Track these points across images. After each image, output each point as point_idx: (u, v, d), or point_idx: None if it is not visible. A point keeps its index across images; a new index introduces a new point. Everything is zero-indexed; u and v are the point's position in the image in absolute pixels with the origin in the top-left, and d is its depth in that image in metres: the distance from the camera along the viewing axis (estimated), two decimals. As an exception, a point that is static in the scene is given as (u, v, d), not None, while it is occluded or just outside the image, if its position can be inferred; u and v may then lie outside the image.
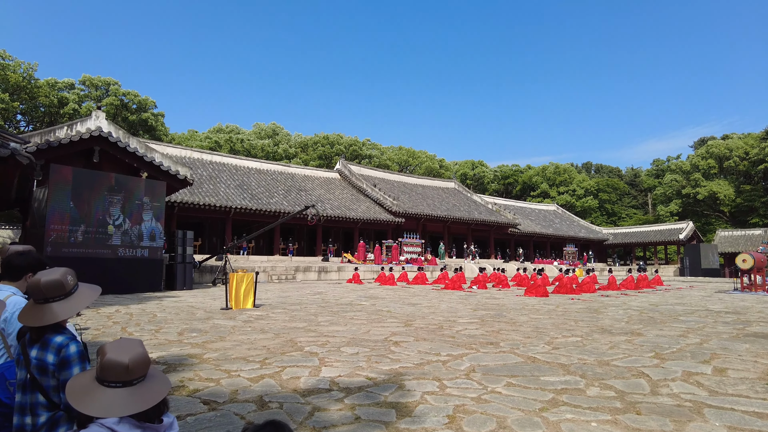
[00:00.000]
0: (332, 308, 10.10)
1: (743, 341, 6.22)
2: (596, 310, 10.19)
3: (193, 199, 24.38)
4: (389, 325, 7.49)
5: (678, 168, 66.90)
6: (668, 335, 6.70)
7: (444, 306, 10.91)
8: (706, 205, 62.14)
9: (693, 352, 5.45)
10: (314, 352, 5.28)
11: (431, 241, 37.79)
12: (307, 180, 35.18)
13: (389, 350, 5.42)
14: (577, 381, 4.07)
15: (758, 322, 8.19)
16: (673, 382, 4.06)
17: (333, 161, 53.72)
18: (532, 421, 3.03)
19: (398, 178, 42.77)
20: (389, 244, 29.77)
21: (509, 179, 78.02)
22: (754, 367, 4.62)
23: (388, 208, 33.15)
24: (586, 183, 71.73)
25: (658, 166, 77.18)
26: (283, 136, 61.98)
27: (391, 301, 12.20)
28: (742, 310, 10.55)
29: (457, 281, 18.29)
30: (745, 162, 60.20)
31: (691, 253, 40.59)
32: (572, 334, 6.77)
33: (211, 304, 11.01)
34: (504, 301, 12.68)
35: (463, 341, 6.05)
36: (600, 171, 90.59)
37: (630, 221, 68.65)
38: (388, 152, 66.83)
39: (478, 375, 4.27)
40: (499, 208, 42.99)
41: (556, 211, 56.54)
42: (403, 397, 3.55)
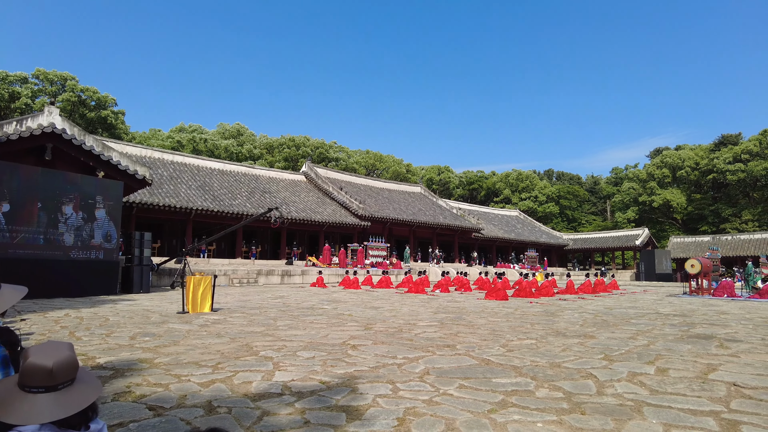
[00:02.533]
0: (293, 312, 10.00)
1: (686, 342, 6.50)
2: (553, 314, 10.45)
3: (152, 199, 23.72)
4: (349, 329, 7.47)
5: (635, 176, 69.49)
6: (619, 338, 6.93)
7: (406, 309, 10.97)
8: (661, 212, 64.73)
9: (640, 353, 5.65)
10: (269, 356, 5.21)
11: (397, 245, 37.97)
12: (271, 182, 34.76)
13: (346, 354, 5.40)
14: (528, 383, 4.16)
15: (701, 324, 8.57)
16: (618, 383, 4.19)
17: (299, 164, 53.33)
18: (480, 423, 3.08)
19: (365, 182, 42.80)
20: (355, 248, 29.73)
21: (474, 185, 79.20)
22: (693, 367, 4.84)
23: (354, 212, 33.11)
24: (547, 189, 73.58)
25: (616, 174, 79.92)
26: (248, 136, 61.10)
27: (354, 304, 12.18)
28: (689, 312, 11.02)
29: (421, 285, 18.42)
30: (696, 172, 63.09)
31: (646, 258, 42.16)
32: (527, 336, 6.92)
33: (168, 307, 10.72)
34: (465, 304, 12.85)
35: (421, 344, 6.10)
36: (561, 178, 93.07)
37: (589, 227, 70.76)
38: (356, 156, 66.83)
39: (432, 377, 4.31)
40: (464, 213, 43.59)
41: (518, 216, 57.73)
42: (355, 401, 3.55)
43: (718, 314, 10.68)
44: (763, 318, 9.85)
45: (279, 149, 58.98)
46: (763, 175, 55.83)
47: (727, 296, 17.44)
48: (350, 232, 33.33)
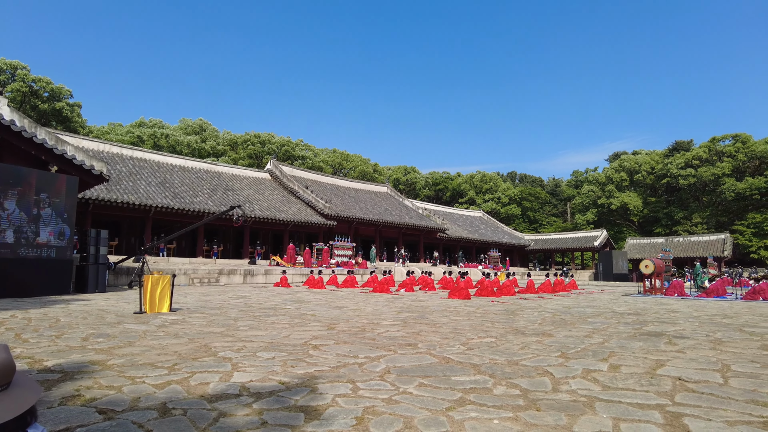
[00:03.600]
0: (254, 312, 9.86)
1: (638, 340, 6.75)
2: (513, 312, 10.67)
3: (110, 196, 22.94)
4: (311, 329, 7.42)
5: (594, 179, 71.80)
6: (575, 336, 7.14)
7: (370, 309, 10.98)
8: (619, 214, 67.04)
9: (594, 351, 5.83)
10: (228, 357, 5.12)
11: (363, 245, 37.96)
12: (235, 179, 34.17)
13: (307, 354, 5.37)
14: (486, 380, 4.23)
15: (653, 322, 8.93)
16: (573, 380, 4.32)
17: (264, 161, 52.59)
18: (438, 421, 3.12)
19: (331, 181, 42.61)
20: (320, 247, 29.55)
21: (440, 186, 80.00)
22: (643, 363, 5.04)
23: (319, 211, 32.92)
24: (510, 191, 75.08)
25: (577, 177, 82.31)
26: (211, 132, 59.79)
27: (317, 304, 12.11)
28: (642, 311, 11.46)
29: (386, 284, 18.47)
30: (652, 176, 65.70)
31: (604, 259, 43.56)
32: (488, 335, 7.04)
33: (125, 307, 10.39)
34: (428, 303, 12.97)
35: (383, 343, 6.12)
36: (524, 180, 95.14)
37: (550, 228, 72.63)
38: (322, 154, 66.40)
39: (392, 376, 4.33)
40: (430, 213, 43.98)
41: (482, 217, 58.67)
42: (314, 401, 3.53)
43: (669, 312, 11.13)
44: (708, 316, 10.35)
45: (243, 146, 57.97)
46: (711, 180, 58.67)
47: (678, 295, 18.22)
48: (316, 231, 33.11)
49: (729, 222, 56.96)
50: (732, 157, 58.52)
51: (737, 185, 56.16)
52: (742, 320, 9.49)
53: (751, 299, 15.98)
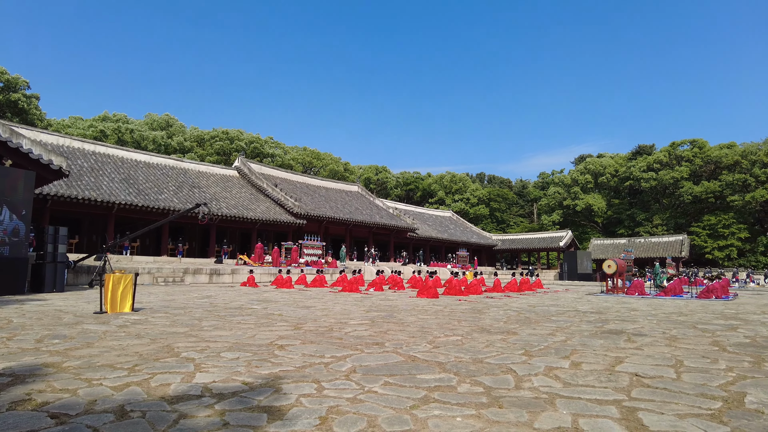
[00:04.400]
0: (220, 312, 9.69)
1: (600, 337, 6.95)
2: (479, 311, 10.82)
3: (70, 192, 22.17)
4: (278, 329, 7.35)
5: (560, 181, 73.53)
6: (539, 334, 7.29)
7: (338, 308, 10.94)
8: (583, 215, 68.83)
9: (557, 348, 5.97)
10: (191, 357, 5.02)
11: (333, 244, 37.81)
12: (202, 176, 33.51)
13: (272, 354, 5.31)
14: (451, 378, 4.28)
15: (614, 321, 9.21)
16: (535, 377, 4.41)
17: (232, 158, 51.75)
18: (402, 419, 3.13)
19: (301, 179, 42.28)
20: (289, 246, 29.28)
21: (410, 185, 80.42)
22: (603, 360, 5.19)
23: (289, 210, 32.62)
24: (479, 192, 76.12)
25: (543, 179, 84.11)
26: (178, 128, 58.45)
27: (285, 304, 12.00)
28: (604, 310, 11.79)
29: (355, 283, 18.44)
30: (615, 179, 67.73)
31: (569, 259, 44.65)
32: (454, 333, 7.12)
33: (84, 307, 10.05)
34: (397, 302, 13.02)
35: (350, 343, 6.11)
36: (492, 181, 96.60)
37: (517, 229, 73.97)
38: (292, 152, 65.80)
39: (357, 375, 4.33)
40: (400, 213, 44.16)
41: (451, 217, 59.27)
42: (278, 401, 3.50)
43: (629, 311, 11.49)
44: (666, 314, 10.73)
45: (211, 142, 56.89)
46: (671, 183, 60.90)
47: (638, 294, 18.82)
48: (285, 230, 32.78)
49: (687, 224, 59.26)
50: (690, 161, 60.90)
51: (694, 188, 58.47)
52: (696, 318, 9.88)
53: (705, 298, 16.66)
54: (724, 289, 17.83)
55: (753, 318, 9.94)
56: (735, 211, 56.09)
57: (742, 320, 9.47)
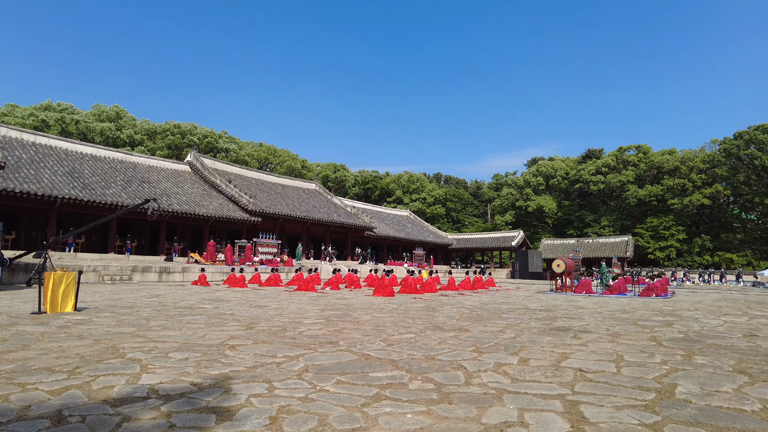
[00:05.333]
0: (169, 312, 9.40)
1: (547, 334, 7.19)
2: (434, 309, 10.98)
3: (6, 185, 20.92)
4: (229, 329, 7.20)
5: (513, 183, 75.59)
6: (490, 331, 7.47)
7: (293, 307, 10.83)
8: (535, 216, 70.96)
9: (507, 345, 6.14)
10: (137, 358, 4.85)
11: (289, 242, 37.35)
12: (152, 171, 32.33)
13: (223, 354, 5.20)
14: (403, 376, 4.33)
15: (562, 318, 9.55)
16: (485, 373, 4.52)
17: (184, 153, 50.24)
18: (353, 417, 3.15)
19: (257, 176, 41.51)
20: (243, 244, 28.69)
21: (369, 184, 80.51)
22: (550, 356, 5.38)
23: (243, 207, 31.98)
24: (435, 192, 77.15)
25: (497, 180, 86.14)
26: (128, 120, 56.13)
27: (237, 303, 11.77)
28: (553, 308, 12.21)
29: (311, 282, 18.30)
30: (566, 181, 70.24)
31: (521, 258, 45.88)
32: (408, 331, 7.20)
33: (20, 308, 9.52)
34: (353, 301, 13.02)
35: (304, 342, 6.07)
36: (448, 182, 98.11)
37: (472, 228, 75.46)
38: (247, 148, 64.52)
39: (310, 375, 4.31)
40: (358, 212, 44.13)
41: (408, 216, 59.75)
42: (227, 401, 3.44)
43: (577, 309, 11.95)
44: (610, 311, 11.23)
45: (162, 136, 54.98)
46: (617, 186, 63.74)
47: (585, 293, 19.60)
48: (239, 227, 32.11)
49: (632, 225, 62.15)
50: (635, 166, 63.95)
51: (639, 192, 61.44)
52: (637, 315, 10.39)
53: (646, 296, 17.53)
54: (663, 288, 18.83)
55: (687, 314, 10.56)
56: (674, 214, 59.32)
57: (678, 317, 10.03)
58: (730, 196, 60.99)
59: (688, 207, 58.40)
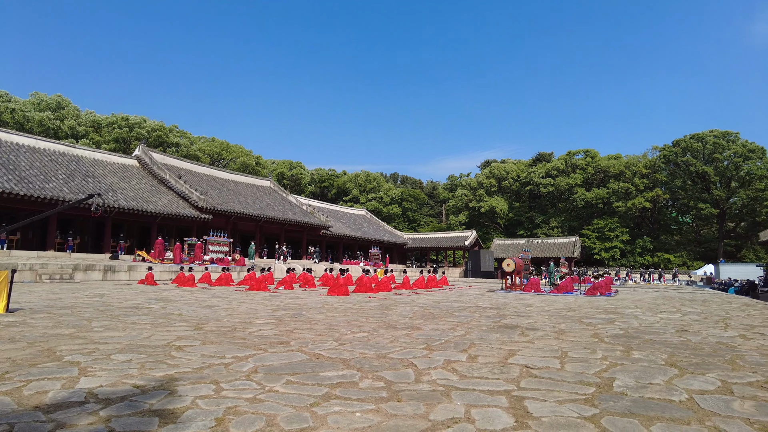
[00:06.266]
0: (113, 312, 9.01)
1: (496, 332, 7.38)
2: (387, 308, 11.04)
3: (-70, 177, 19.43)
4: (176, 329, 6.98)
5: (467, 184, 77.08)
6: (442, 329, 7.59)
7: (244, 308, 10.62)
8: (487, 217, 72.61)
9: (457, 342, 6.25)
10: (76, 361, 4.62)
11: (242, 241, 36.59)
12: (97, 165, 30.91)
13: (169, 355, 5.04)
14: (354, 374, 4.33)
15: (510, 316, 9.83)
16: (434, 370, 4.59)
17: (132, 147, 48.28)
18: (301, 417, 3.12)
19: (208, 172, 40.43)
20: (193, 242, 27.86)
21: (325, 183, 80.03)
22: (498, 353, 5.52)
23: (194, 203, 31.07)
24: (392, 192, 77.58)
25: (452, 181, 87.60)
26: (71, 111, 53.36)
27: (186, 303, 11.43)
28: (502, 306, 12.53)
29: (263, 282, 18.00)
30: (517, 183, 72.30)
31: (474, 257, 46.83)
32: (361, 330, 7.21)
33: (-55, 308, 8.85)
34: (306, 300, 12.90)
35: (254, 342, 5.96)
36: (405, 182, 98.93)
37: (427, 228, 76.40)
38: (199, 143, 62.71)
39: (259, 375, 4.24)
40: (314, 210, 43.76)
41: (365, 215, 59.80)
42: (171, 404, 3.33)
43: (525, 307, 12.32)
44: (557, 309, 11.65)
45: (109, 129, 52.59)
46: (566, 189, 66.18)
47: (534, 291, 20.24)
48: (189, 225, 31.16)
49: (579, 227, 64.67)
50: (583, 169, 66.59)
51: (586, 195, 64.03)
52: (582, 313, 10.83)
53: (591, 294, 18.29)
54: (607, 287, 19.71)
55: (628, 312, 11.10)
56: (619, 216, 62.21)
57: (619, 314, 10.53)
58: (669, 199, 64.64)
59: (632, 210, 61.40)
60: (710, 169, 56.94)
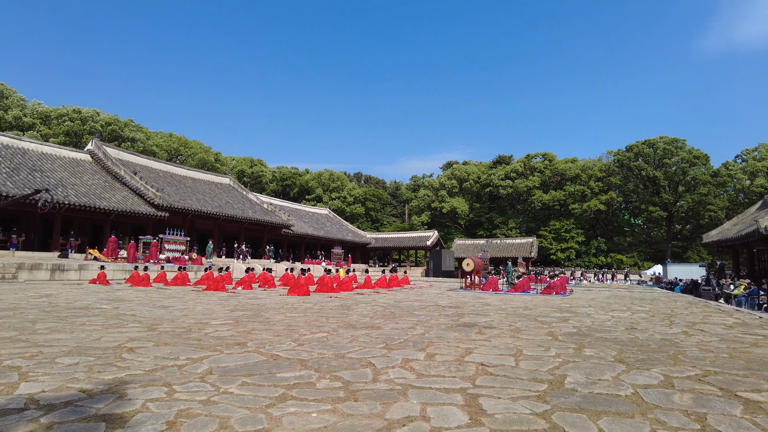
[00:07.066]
0: (60, 313, 8.62)
1: (455, 330, 7.48)
2: (348, 307, 11.02)
3: None
4: (129, 331, 6.75)
5: (430, 185, 77.90)
6: (401, 328, 7.63)
7: (200, 308, 10.37)
8: (449, 217, 73.55)
9: (415, 341, 6.30)
10: (16, 365, 4.40)
11: (200, 239, 35.71)
12: (45, 159, 29.50)
13: (120, 358, 4.86)
14: (311, 375, 4.30)
15: (469, 314, 9.99)
16: (392, 369, 4.61)
17: (84, 141, 46.28)
18: (256, 418, 3.08)
19: (165, 168, 39.24)
20: (148, 241, 26.99)
21: (288, 181, 79.14)
22: (455, 352, 5.60)
23: (150, 200, 30.10)
24: (355, 191, 77.48)
25: (415, 182, 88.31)
26: (16, 101, 50.72)
27: (140, 303, 11.06)
28: (461, 304, 12.72)
29: (221, 282, 17.62)
30: (478, 185, 73.58)
31: (435, 257, 47.32)
32: (320, 330, 7.17)
33: None
34: (266, 301, 12.72)
35: (209, 343, 5.83)
36: (368, 181, 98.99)
37: (390, 228, 76.69)
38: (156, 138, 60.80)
39: (214, 377, 4.15)
40: (275, 209, 43.17)
41: (327, 215, 59.47)
42: (120, 408, 3.22)
43: (483, 306, 12.54)
44: (514, 308, 11.92)
45: (59, 121, 50.25)
46: (524, 191, 67.85)
47: (492, 290, 20.64)
48: (144, 223, 30.15)
49: (536, 228, 66.43)
50: (541, 172, 68.47)
51: (544, 197, 65.87)
52: (538, 311, 11.12)
53: (547, 293, 18.81)
54: (562, 286, 20.31)
55: (581, 311, 11.47)
56: (575, 218, 64.30)
57: (574, 313, 10.87)
58: (622, 202, 67.27)
59: (587, 212, 63.55)
60: (660, 174, 59.62)
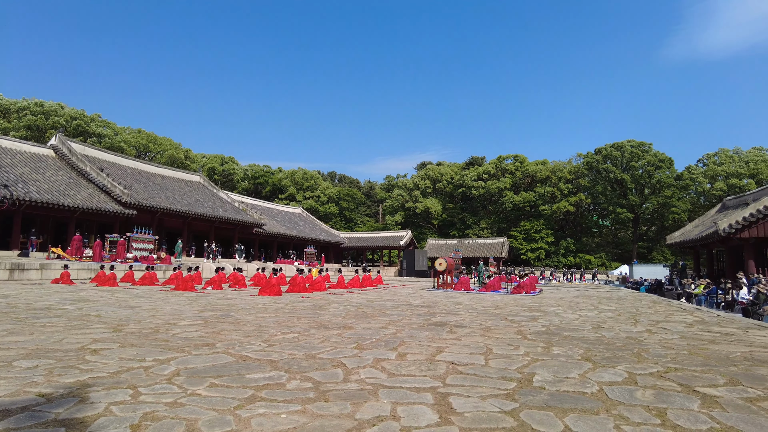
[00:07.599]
0: (19, 314, 8.31)
1: (426, 329, 7.52)
2: (321, 307, 10.96)
3: None
4: (93, 332, 6.55)
5: (404, 185, 78.17)
6: (373, 327, 7.63)
7: (168, 308, 10.15)
8: (422, 217, 73.99)
9: (387, 341, 6.31)
10: (-29, 368, 4.22)
11: (169, 238, 34.94)
12: (4, 153, 28.42)
13: (83, 360, 4.72)
14: (281, 376, 4.26)
15: (441, 314, 10.06)
16: (363, 369, 4.60)
17: (48, 135, 44.73)
18: (224, 420, 3.03)
19: (133, 165, 38.28)
20: (115, 239, 26.26)
21: (260, 180, 78.20)
22: (427, 351, 5.63)
23: (117, 198, 29.31)
24: (329, 191, 77.16)
25: (389, 182, 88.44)
26: (-25, 95, 48.59)
27: (105, 304, 10.76)
28: (433, 304, 12.81)
29: (190, 281, 17.28)
30: (451, 185, 74.22)
31: (408, 257, 47.57)
32: (291, 330, 7.11)
33: None
34: (236, 301, 12.54)
35: (177, 345, 5.71)
36: (342, 181, 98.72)
37: (364, 227, 76.65)
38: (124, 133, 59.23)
39: (181, 378, 4.07)
40: (246, 207, 42.59)
41: (301, 214, 59.02)
42: (81, 412, 3.12)
43: (455, 305, 12.65)
44: (485, 307, 12.07)
45: (19, 115, 48.41)
46: (496, 192, 68.77)
47: (464, 290, 20.85)
48: (111, 221, 29.33)
49: (507, 228, 67.44)
50: (512, 174, 69.54)
51: (514, 198, 66.94)
52: (508, 310, 11.28)
53: (517, 293, 19.10)
54: (532, 286, 20.66)
55: (550, 310, 11.69)
56: (545, 219, 65.55)
57: (543, 312, 11.07)
58: (591, 204, 68.87)
59: (557, 213, 64.85)
60: (627, 177, 61.32)
